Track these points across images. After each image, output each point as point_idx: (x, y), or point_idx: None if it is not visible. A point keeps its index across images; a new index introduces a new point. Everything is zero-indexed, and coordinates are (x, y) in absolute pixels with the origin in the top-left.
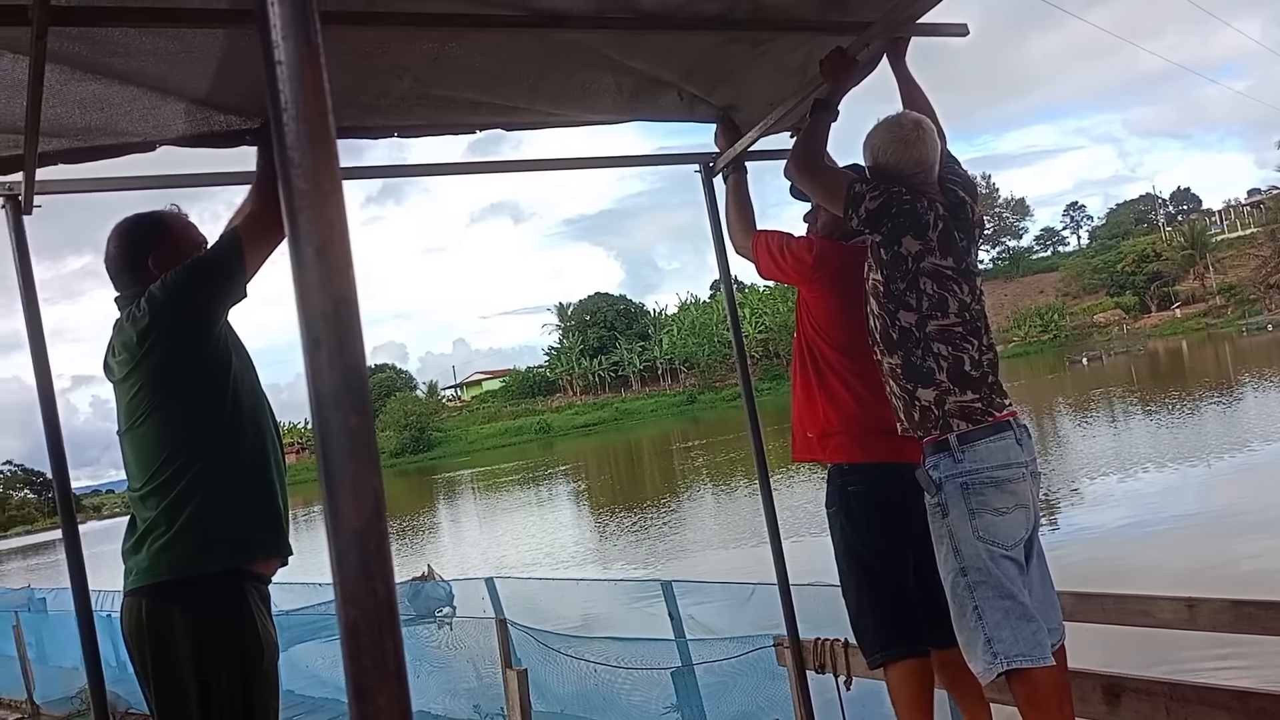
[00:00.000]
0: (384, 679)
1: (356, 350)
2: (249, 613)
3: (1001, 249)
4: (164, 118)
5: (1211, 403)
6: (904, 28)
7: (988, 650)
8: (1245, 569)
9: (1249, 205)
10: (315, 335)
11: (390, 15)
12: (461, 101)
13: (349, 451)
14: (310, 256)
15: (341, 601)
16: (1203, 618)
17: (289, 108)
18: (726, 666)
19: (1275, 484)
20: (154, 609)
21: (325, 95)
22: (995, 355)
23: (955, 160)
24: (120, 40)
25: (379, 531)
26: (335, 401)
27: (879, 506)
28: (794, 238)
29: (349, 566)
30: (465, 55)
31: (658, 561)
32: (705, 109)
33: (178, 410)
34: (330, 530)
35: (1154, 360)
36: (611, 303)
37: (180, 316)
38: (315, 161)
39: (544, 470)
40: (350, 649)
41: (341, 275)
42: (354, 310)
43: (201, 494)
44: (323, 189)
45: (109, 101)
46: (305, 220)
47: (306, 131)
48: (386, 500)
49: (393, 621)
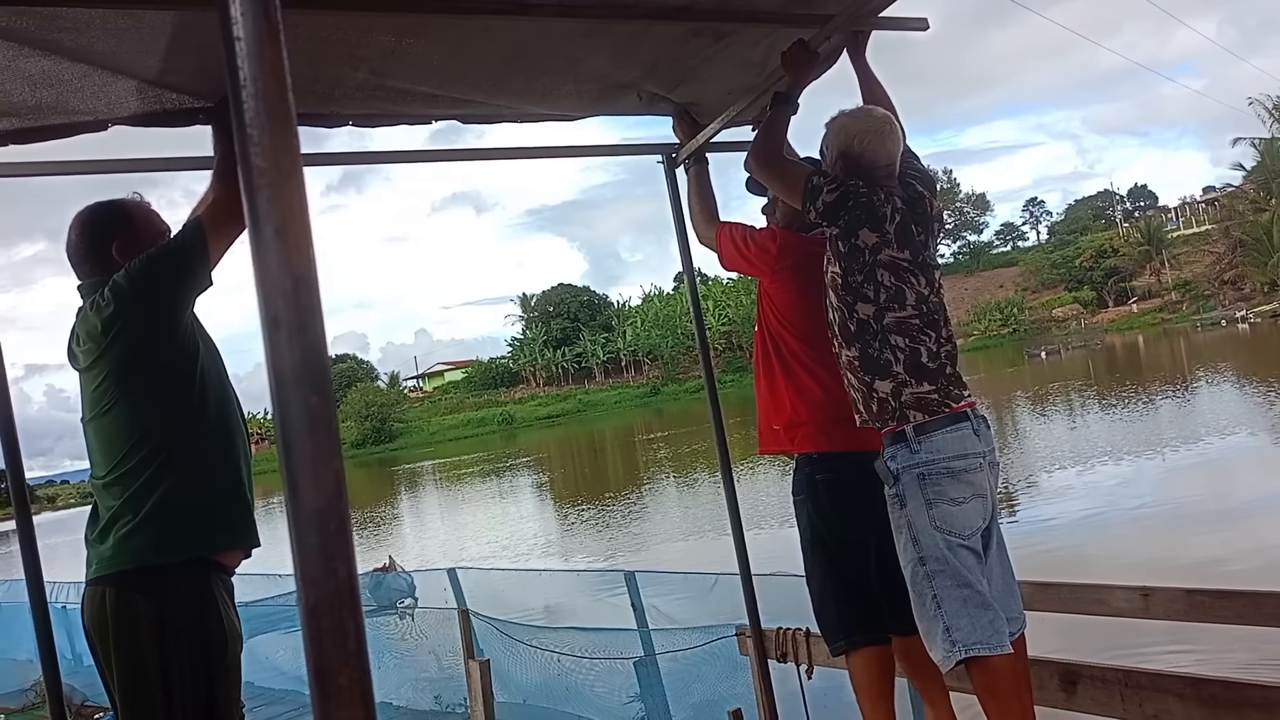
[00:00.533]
0: (345, 659)
1: (316, 329)
2: (213, 602)
3: (962, 243)
4: (116, 95)
5: (1167, 397)
6: (865, 21)
7: (947, 639)
8: (1198, 559)
9: (1204, 202)
10: (274, 314)
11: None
12: (418, 94)
13: (309, 431)
14: (270, 235)
15: (302, 582)
16: (1157, 606)
17: (248, 85)
18: (689, 656)
19: (1228, 477)
20: (117, 598)
21: (285, 73)
22: (954, 347)
23: (915, 155)
24: (68, 15)
25: (340, 512)
26: (295, 380)
27: (846, 494)
28: (757, 229)
29: (309, 547)
30: (423, 52)
31: (621, 552)
32: (664, 105)
33: (143, 399)
34: (290, 511)
35: (1111, 354)
36: (575, 294)
37: (145, 305)
38: (275, 140)
39: (507, 461)
40: (311, 630)
41: (301, 254)
42: (314, 289)
43: (166, 483)
44: (282, 167)
45: (59, 78)
46: (264, 199)
47: (266, 109)
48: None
49: (354, 602)
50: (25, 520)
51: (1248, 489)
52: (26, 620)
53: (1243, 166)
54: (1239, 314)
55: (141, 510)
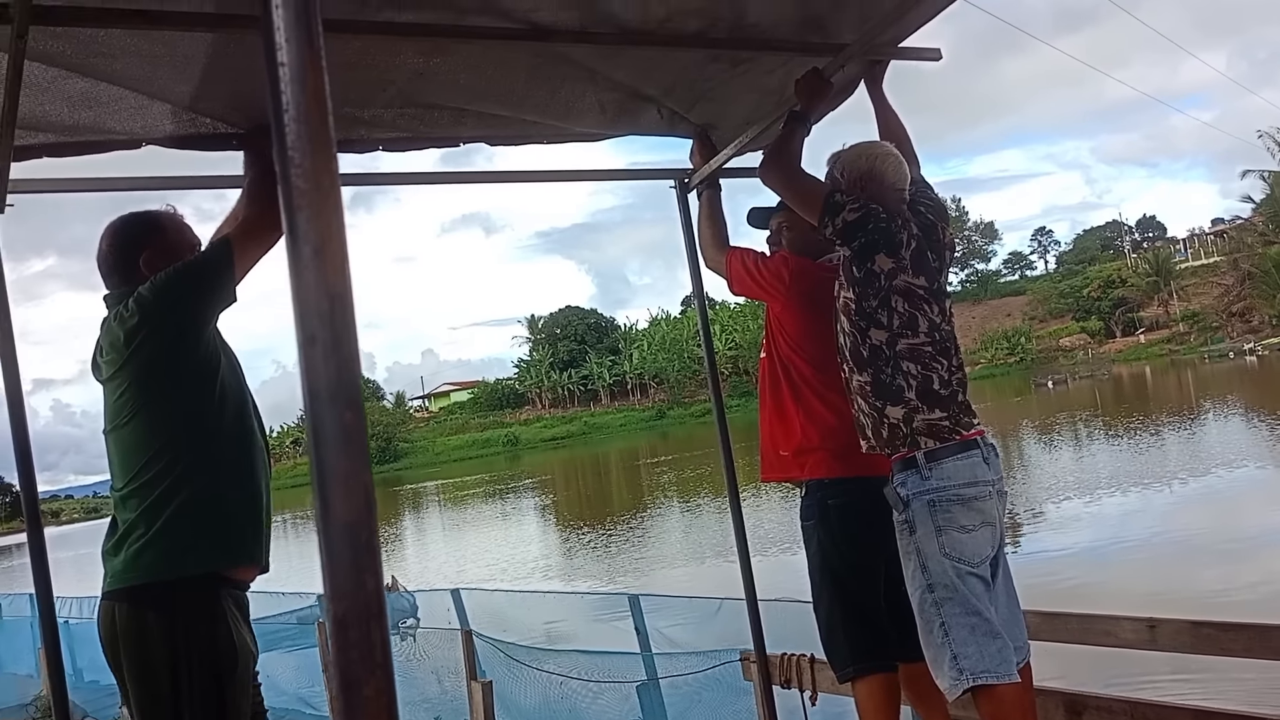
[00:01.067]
0: (371, 670)
1: (351, 347)
2: (224, 618)
3: (970, 272)
4: (151, 118)
5: (1174, 429)
6: (879, 51)
7: (954, 666)
8: (1205, 591)
9: (1213, 234)
10: (311, 331)
11: (385, 24)
12: (445, 113)
13: (342, 446)
14: (308, 255)
15: (331, 595)
16: (1163, 638)
17: (290, 109)
18: (692, 680)
19: (1235, 509)
20: (129, 614)
21: (325, 97)
22: (964, 375)
23: (927, 185)
24: (104, 41)
25: (369, 525)
26: (329, 397)
27: (857, 520)
28: (767, 255)
29: (339, 559)
30: (449, 72)
31: (624, 576)
32: (684, 126)
33: (163, 411)
34: (321, 524)
35: (1119, 385)
36: (582, 316)
37: (169, 317)
38: (315, 162)
39: (511, 483)
40: (339, 641)
41: (338, 273)
42: (349, 307)
43: (182, 497)
44: (322, 188)
45: (97, 100)
46: (304, 219)
47: (307, 132)
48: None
49: (380, 614)
50: (37, 534)
51: (1255, 522)
52: (26, 634)
53: (1251, 199)
54: (1247, 346)
55: (155, 524)
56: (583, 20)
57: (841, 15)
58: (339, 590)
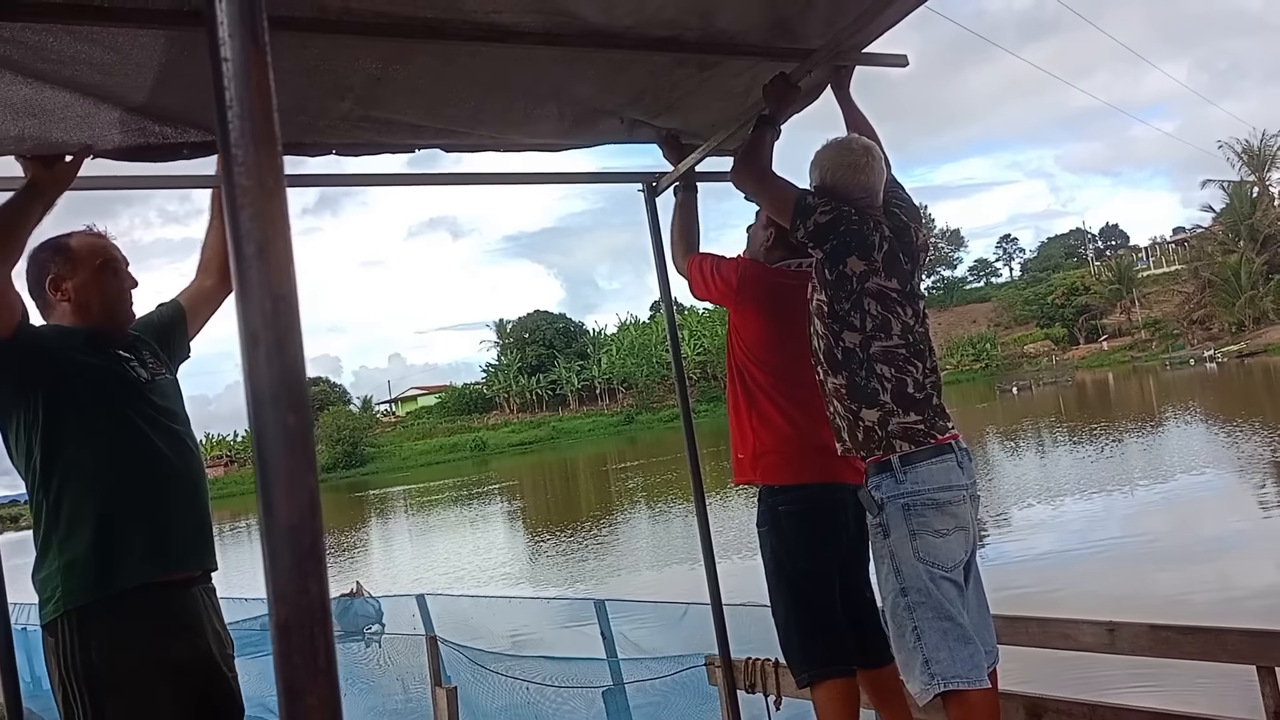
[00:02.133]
0: (315, 677)
1: (295, 348)
2: (97, 638)
3: (937, 278)
4: (99, 127)
5: (1135, 435)
6: (846, 56)
7: (925, 671)
8: (1164, 595)
9: (1174, 243)
10: (254, 332)
11: (340, 23)
12: (402, 124)
13: (285, 449)
14: (251, 254)
15: (274, 599)
16: (1122, 641)
17: (234, 105)
18: (658, 686)
19: (1194, 514)
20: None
21: (270, 94)
22: (938, 378)
23: (900, 186)
24: (54, 47)
25: (313, 529)
26: (272, 399)
27: (809, 526)
28: (724, 259)
29: (282, 564)
30: (409, 78)
31: (591, 581)
32: (646, 131)
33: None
34: (264, 527)
35: (1082, 391)
36: (551, 321)
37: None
38: (259, 159)
39: (479, 488)
40: (281, 647)
41: (282, 273)
42: (294, 308)
43: (61, 529)
44: (266, 187)
45: (42, 108)
46: (247, 218)
47: (251, 129)
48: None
49: (325, 620)
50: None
51: (1213, 526)
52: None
53: (1212, 208)
54: (1207, 354)
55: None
56: (549, 23)
57: (809, 20)
58: (282, 595)
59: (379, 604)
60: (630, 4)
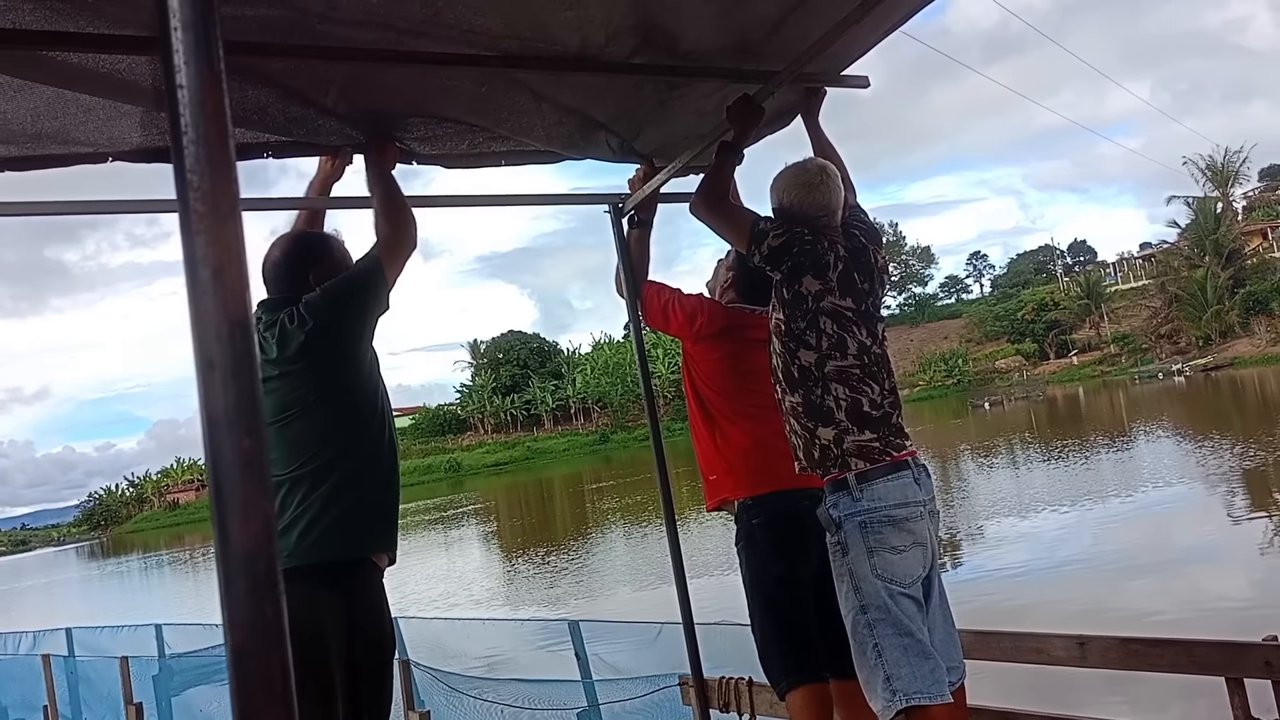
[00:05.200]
0: (272, 703)
1: (251, 373)
2: (384, 599)
3: (908, 295)
4: (119, 130)
5: (1106, 449)
6: (809, 79)
7: (887, 688)
8: (1135, 608)
9: (1141, 258)
10: (209, 357)
11: (316, 48)
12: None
13: (240, 474)
14: (206, 279)
15: (229, 625)
16: (1093, 655)
17: (189, 131)
18: (633, 707)
19: (1164, 527)
20: (302, 592)
21: (226, 120)
22: (896, 398)
23: (860, 209)
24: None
25: (269, 554)
26: (228, 423)
27: (780, 534)
28: (684, 295)
29: (237, 590)
30: (390, 82)
31: (566, 602)
32: (633, 156)
33: (325, 410)
34: (219, 553)
35: (1052, 406)
36: (525, 341)
37: (337, 323)
38: (214, 185)
39: (453, 509)
40: (237, 673)
41: (237, 298)
42: (249, 334)
43: (334, 488)
44: (220, 212)
45: (63, 110)
46: (203, 243)
47: (206, 155)
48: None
49: (282, 645)
50: None
51: (1183, 539)
52: None
53: (1177, 224)
54: (1175, 367)
55: (314, 511)
56: (523, 47)
57: (773, 43)
58: (237, 621)
59: None
60: (599, 26)
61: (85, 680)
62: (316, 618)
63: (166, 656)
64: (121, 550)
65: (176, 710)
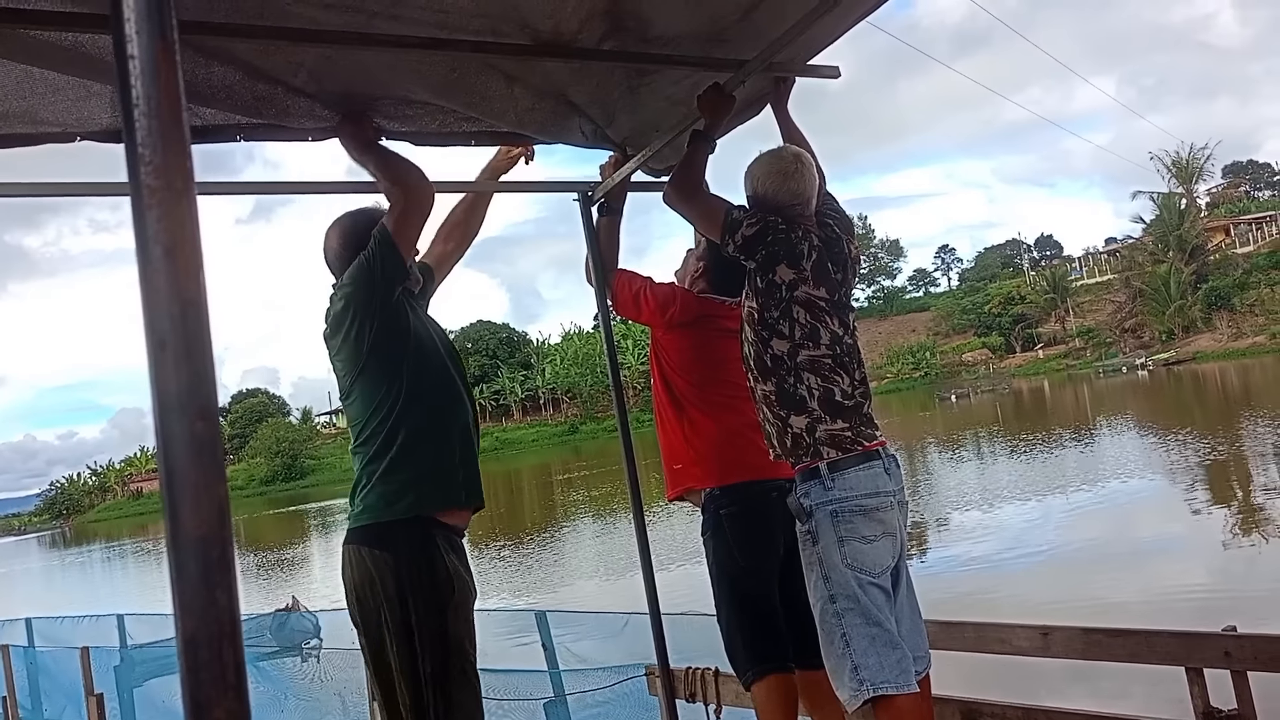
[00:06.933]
0: (224, 693)
1: (204, 354)
2: (440, 555)
3: (877, 288)
4: (88, 110)
5: (1070, 442)
6: (780, 68)
7: (854, 677)
8: (1097, 598)
9: (1106, 253)
10: (161, 337)
11: (282, 29)
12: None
13: (193, 457)
14: (158, 256)
15: (180, 612)
16: (1056, 645)
17: (140, 104)
18: (599, 697)
19: (1126, 519)
20: (356, 552)
21: (179, 93)
22: (867, 388)
23: (833, 198)
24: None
25: (222, 540)
26: (180, 406)
27: (747, 524)
28: (655, 284)
29: (189, 576)
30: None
31: (533, 592)
32: (607, 142)
33: (370, 380)
34: (170, 538)
35: (1019, 398)
36: (494, 331)
37: (359, 298)
38: (167, 160)
39: None
40: (188, 662)
41: (191, 277)
42: (203, 313)
43: (392, 451)
44: (174, 188)
45: (31, 90)
46: (154, 219)
47: (159, 128)
48: (253, 531)
49: (234, 633)
50: None
51: (1144, 531)
52: None
53: (1142, 219)
54: (1139, 361)
55: (374, 476)
56: (495, 31)
57: (744, 31)
58: (188, 608)
59: (316, 619)
60: (571, 11)
61: (45, 671)
62: (367, 573)
63: (128, 647)
64: (84, 539)
65: (138, 701)
